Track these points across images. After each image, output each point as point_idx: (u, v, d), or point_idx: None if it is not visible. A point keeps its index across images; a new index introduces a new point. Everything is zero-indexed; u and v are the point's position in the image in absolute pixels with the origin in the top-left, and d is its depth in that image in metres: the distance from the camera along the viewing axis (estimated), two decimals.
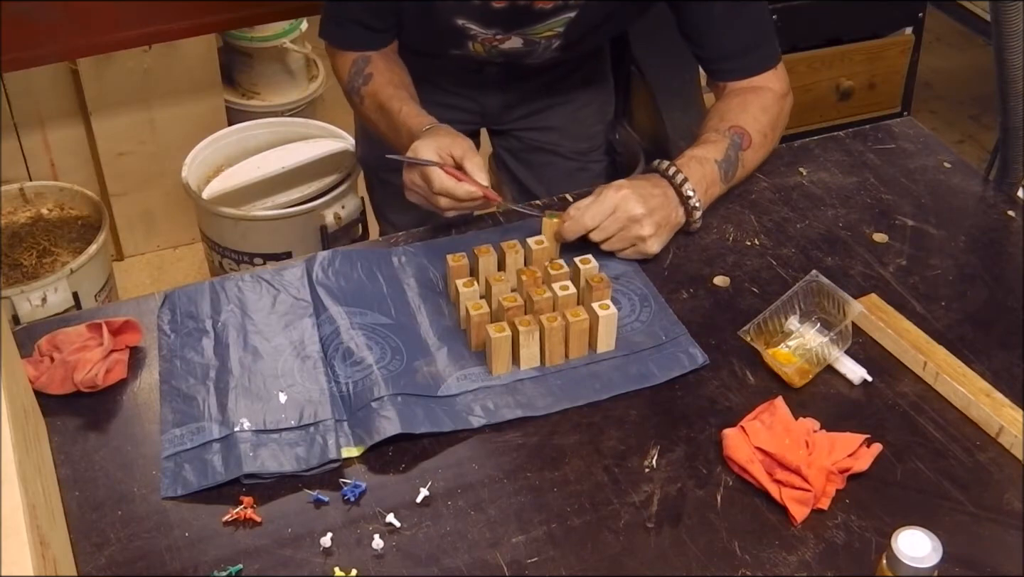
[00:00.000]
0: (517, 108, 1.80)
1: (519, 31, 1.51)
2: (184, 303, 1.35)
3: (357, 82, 1.56)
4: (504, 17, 1.47)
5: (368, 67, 1.55)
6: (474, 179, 1.35)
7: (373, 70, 1.55)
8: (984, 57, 3.45)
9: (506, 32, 1.51)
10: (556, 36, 1.52)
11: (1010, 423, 1.15)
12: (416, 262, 1.40)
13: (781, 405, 1.17)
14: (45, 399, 1.21)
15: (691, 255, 1.42)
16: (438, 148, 1.36)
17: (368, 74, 1.55)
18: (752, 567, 1.04)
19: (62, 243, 2.49)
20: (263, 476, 1.13)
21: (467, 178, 1.35)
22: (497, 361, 1.23)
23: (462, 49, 1.57)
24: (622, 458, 1.15)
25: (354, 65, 1.56)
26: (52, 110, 2.64)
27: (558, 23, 1.49)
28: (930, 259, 1.41)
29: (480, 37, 1.53)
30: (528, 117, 1.81)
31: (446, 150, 1.36)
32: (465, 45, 1.56)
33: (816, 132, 1.74)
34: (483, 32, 1.51)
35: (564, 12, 1.47)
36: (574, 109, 1.82)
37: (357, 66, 1.56)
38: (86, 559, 1.06)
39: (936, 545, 0.91)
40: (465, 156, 1.36)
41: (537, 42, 1.53)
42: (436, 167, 1.34)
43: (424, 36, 1.59)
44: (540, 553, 1.06)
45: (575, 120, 1.83)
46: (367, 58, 1.56)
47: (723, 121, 1.48)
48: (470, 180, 1.35)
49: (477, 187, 1.35)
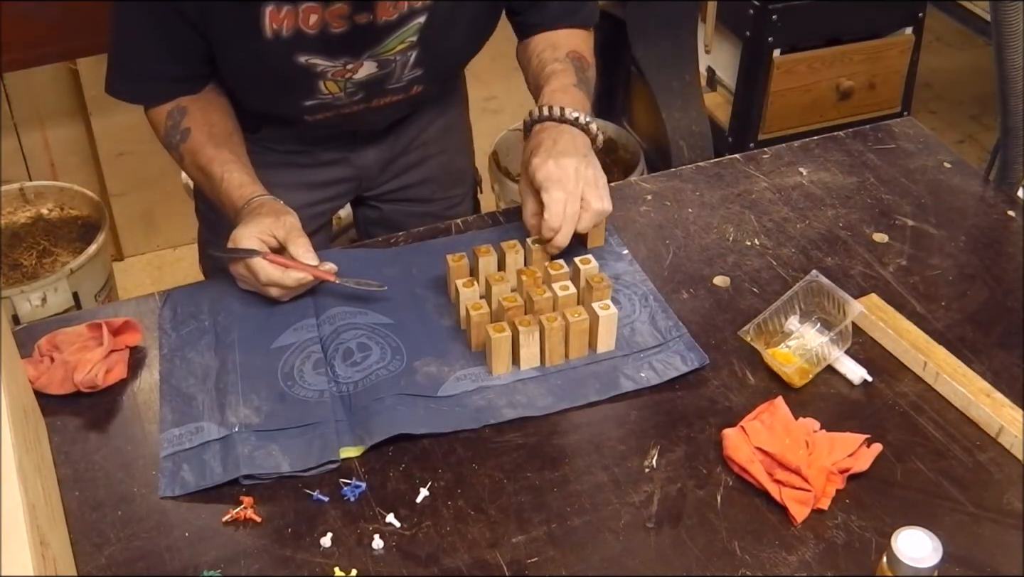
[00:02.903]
0: (394, 163, 1.64)
1: (369, 53, 1.34)
2: (185, 303, 1.35)
3: (174, 138, 1.39)
4: (348, 41, 1.31)
5: (184, 120, 1.38)
6: (301, 263, 1.27)
7: (191, 124, 1.38)
8: (984, 57, 3.46)
9: (356, 58, 1.34)
10: (411, 47, 1.36)
11: (1010, 423, 1.15)
12: (416, 262, 1.40)
13: (781, 405, 1.17)
14: (45, 399, 1.22)
15: (691, 255, 1.42)
16: (259, 233, 1.27)
17: (185, 129, 1.38)
18: (752, 567, 1.04)
19: (62, 243, 2.49)
20: (262, 476, 1.13)
21: (294, 263, 1.27)
22: (497, 361, 1.23)
23: (315, 95, 1.38)
24: (622, 458, 1.15)
25: (169, 118, 1.39)
26: (52, 110, 2.64)
27: (409, 32, 1.34)
28: (930, 259, 1.41)
29: (330, 72, 1.34)
30: (406, 172, 1.66)
31: (268, 233, 1.27)
32: (316, 87, 1.37)
33: (816, 132, 1.74)
34: (331, 65, 1.33)
35: (413, 19, 1.33)
36: (447, 158, 1.70)
37: (173, 119, 1.39)
38: (86, 559, 1.06)
39: (936, 545, 0.91)
40: (288, 238, 1.27)
41: (392, 60, 1.37)
42: (258, 257, 1.26)
43: (268, 93, 1.41)
44: (540, 553, 1.06)
45: (449, 169, 1.72)
46: (183, 109, 1.39)
47: (557, 50, 1.45)
48: (297, 265, 1.27)
49: (306, 271, 1.27)
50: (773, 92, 2.61)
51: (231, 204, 1.35)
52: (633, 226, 1.47)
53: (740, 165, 1.59)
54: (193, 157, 1.39)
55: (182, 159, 1.41)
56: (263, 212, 1.30)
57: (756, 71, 2.60)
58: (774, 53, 2.56)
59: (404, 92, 1.45)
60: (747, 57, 2.62)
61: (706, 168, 1.59)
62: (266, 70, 1.34)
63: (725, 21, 2.66)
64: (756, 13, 2.52)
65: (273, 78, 1.36)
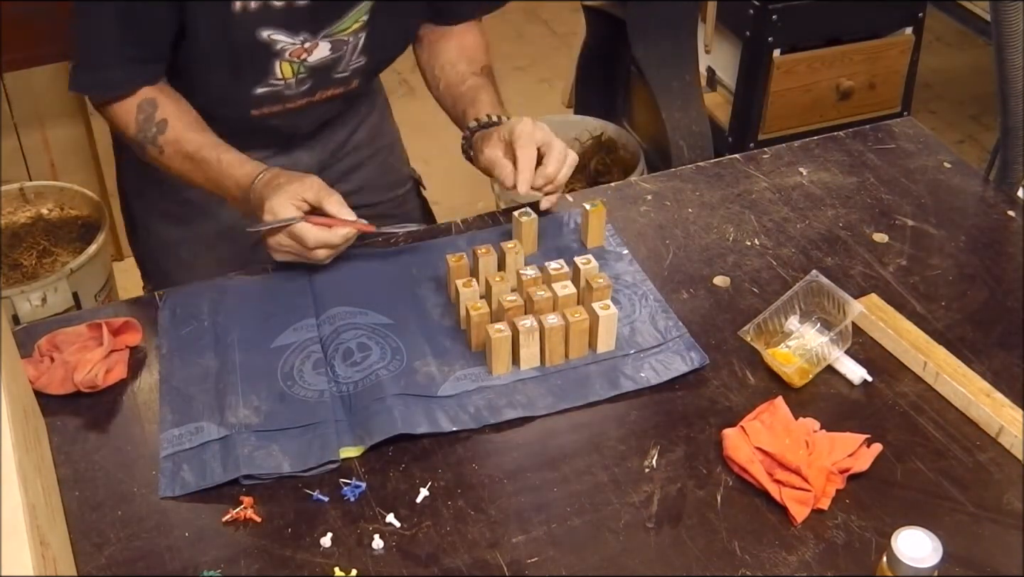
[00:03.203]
0: (329, 170, 1.62)
1: (327, 31, 1.38)
2: (185, 303, 1.35)
3: (149, 132, 1.38)
4: (310, 15, 1.35)
5: (158, 112, 1.38)
6: (342, 218, 1.29)
7: (166, 115, 1.38)
8: (984, 57, 3.46)
9: (314, 35, 1.38)
10: (362, 28, 1.41)
11: (1010, 423, 1.15)
12: (416, 262, 1.40)
13: (781, 405, 1.17)
14: (45, 399, 1.22)
15: (691, 255, 1.42)
16: (291, 199, 1.28)
17: (161, 120, 1.37)
18: (752, 567, 1.04)
19: (62, 243, 2.49)
20: (263, 476, 1.13)
21: (335, 220, 1.29)
22: (497, 361, 1.23)
23: (267, 79, 1.41)
24: (622, 458, 1.15)
25: (140, 112, 1.37)
26: (52, 110, 2.64)
27: (362, 11, 1.39)
28: (930, 259, 1.41)
29: (288, 51, 1.38)
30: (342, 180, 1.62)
31: (298, 198, 1.29)
32: (271, 69, 1.39)
33: (816, 132, 1.74)
34: (290, 42, 1.37)
35: None
36: (382, 159, 1.71)
37: (145, 112, 1.37)
38: (86, 559, 1.06)
39: (936, 545, 0.92)
40: (320, 198, 1.29)
41: (345, 42, 1.41)
42: (302, 222, 1.28)
43: (222, 77, 1.41)
44: (540, 553, 1.06)
45: (385, 170, 1.72)
46: (152, 102, 1.38)
47: (472, 63, 1.54)
48: (339, 221, 1.29)
49: (350, 225, 1.30)
50: (773, 92, 2.61)
51: (235, 183, 1.35)
52: (633, 226, 1.47)
53: (740, 165, 1.59)
54: (177, 146, 1.37)
55: (161, 151, 1.39)
56: (283, 180, 1.31)
57: (756, 71, 2.60)
58: (774, 53, 2.56)
59: (345, 85, 1.49)
60: (747, 57, 2.62)
61: (706, 168, 1.59)
62: (227, 47, 1.35)
63: (725, 21, 2.66)
64: (756, 13, 2.52)
65: (232, 56, 1.37)
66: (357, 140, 1.66)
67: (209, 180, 1.39)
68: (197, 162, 1.38)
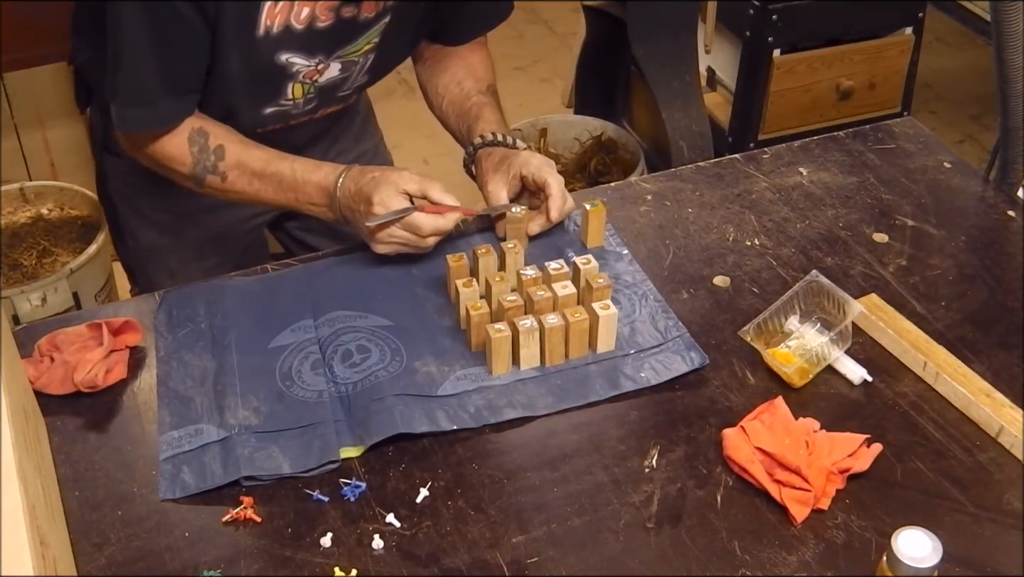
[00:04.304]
0: None
1: (339, 53, 1.38)
2: (181, 305, 1.35)
3: (209, 161, 1.36)
4: (328, 37, 1.35)
5: (211, 140, 1.36)
6: (449, 204, 1.33)
7: (220, 141, 1.37)
8: (984, 57, 3.46)
9: (328, 56, 1.38)
10: (372, 49, 1.41)
11: (1010, 423, 1.15)
12: (416, 262, 1.40)
13: (781, 405, 1.17)
14: (45, 399, 1.22)
15: (691, 255, 1.42)
16: (397, 192, 1.31)
17: (218, 147, 1.36)
18: (752, 567, 1.04)
19: (62, 243, 2.49)
20: (263, 477, 1.13)
21: (443, 207, 1.32)
22: (497, 361, 1.23)
23: (278, 100, 1.41)
24: (622, 458, 1.15)
25: (193, 143, 1.36)
26: (52, 110, 2.63)
27: (375, 33, 1.39)
28: (930, 259, 1.41)
29: (302, 73, 1.38)
30: None
31: (401, 190, 1.31)
32: (284, 91, 1.40)
33: (816, 132, 1.74)
34: (306, 64, 1.37)
35: (381, 19, 1.38)
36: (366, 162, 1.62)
37: (198, 143, 1.36)
38: (86, 559, 1.06)
39: (936, 545, 0.92)
40: (422, 187, 1.32)
41: (354, 63, 1.42)
42: (415, 211, 1.30)
43: (236, 100, 1.40)
44: (540, 553, 1.06)
45: None
46: (201, 131, 1.36)
47: (479, 81, 1.54)
48: (447, 208, 1.32)
49: (459, 211, 1.33)
50: (773, 92, 2.60)
51: (315, 187, 1.36)
52: (633, 226, 1.47)
53: (740, 165, 1.59)
54: (242, 169, 1.37)
55: (224, 178, 1.37)
56: (378, 173, 1.33)
57: (756, 71, 2.60)
58: (774, 53, 2.56)
59: (345, 102, 1.51)
60: (747, 57, 2.62)
61: (706, 168, 1.59)
62: (247, 72, 1.35)
63: (725, 21, 2.66)
64: (756, 13, 2.52)
65: (250, 80, 1.36)
66: (341, 147, 1.67)
67: (281, 192, 1.38)
68: (268, 177, 1.37)
